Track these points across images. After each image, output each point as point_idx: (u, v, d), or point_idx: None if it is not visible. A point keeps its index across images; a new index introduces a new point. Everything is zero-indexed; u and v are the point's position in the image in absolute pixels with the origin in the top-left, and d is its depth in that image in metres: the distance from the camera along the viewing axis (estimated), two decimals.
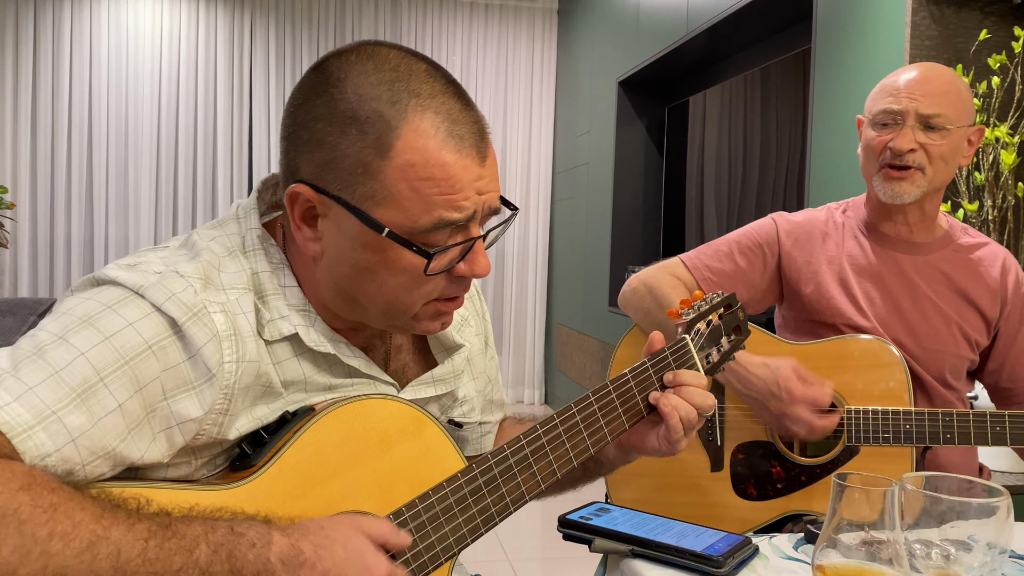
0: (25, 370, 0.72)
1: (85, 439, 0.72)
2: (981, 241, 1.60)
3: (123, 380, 0.75)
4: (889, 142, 1.50)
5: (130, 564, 0.66)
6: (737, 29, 3.53)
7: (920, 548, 0.78)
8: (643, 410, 1.04)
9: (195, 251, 0.87)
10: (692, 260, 1.66)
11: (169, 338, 0.79)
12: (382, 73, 0.82)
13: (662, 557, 0.92)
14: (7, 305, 5.12)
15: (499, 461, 0.93)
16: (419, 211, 0.82)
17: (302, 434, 0.85)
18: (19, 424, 0.69)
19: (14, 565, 0.62)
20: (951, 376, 1.55)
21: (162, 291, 0.80)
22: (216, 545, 0.70)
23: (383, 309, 0.89)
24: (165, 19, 5.55)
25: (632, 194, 4.79)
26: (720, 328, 1.18)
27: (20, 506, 0.63)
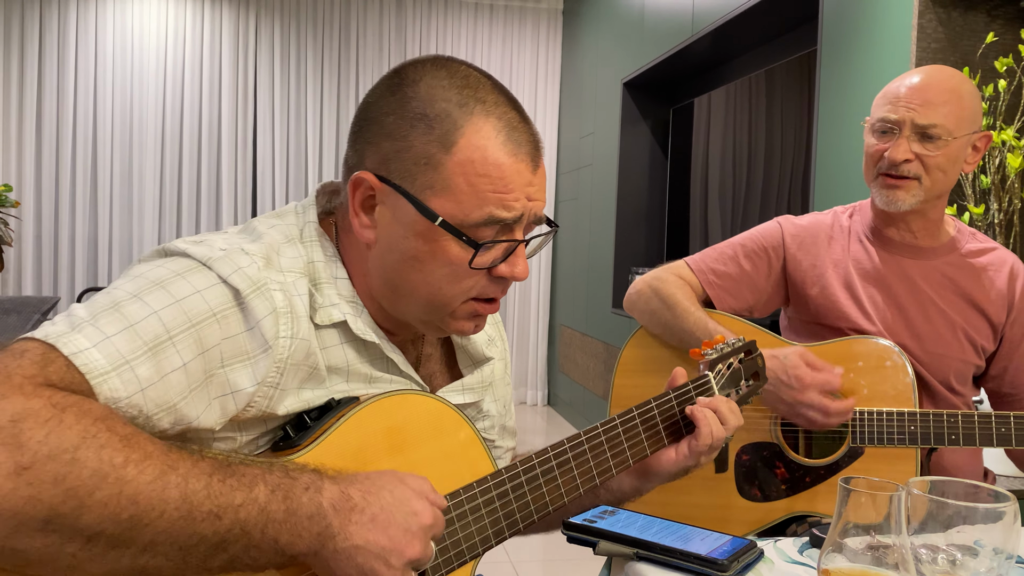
0: (103, 320, 0.76)
1: (152, 391, 0.76)
2: (989, 246, 1.59)
3: (189, 342, 0.79)
4: (885, 151, 1.49)
5: (196, 496, 0.70)
6: (742, 31, 3.53)
7: (926, 553, 0.77)
8: (665, 439, 1.10)
9: (256, 234, 0.93)
10: (697, 263, 1.66)
11: (232, 308, 0.83)
12: (454, 79, 0.91)
13: (667, 560, 0.92)
14: (11, 303, 5.12)
15: (527, 469, 0.96)
16: (472, 205, 0.88)
17: (345, 420, 0.89)
18: (97, 368, 0.73)
19: (92, 487, 0.65)
20: (956, 381, 1.55)
21: (229, 264, 0.85)
22: (274, 485, 0.75)
23: (425, 300, 0.93)
24: (170, 18, 5.56)
25: (636, 196, 4.79)
26: (740, 372, 1.23)
27: (99, 432, 0.67)
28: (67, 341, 0.73)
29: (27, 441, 0.64)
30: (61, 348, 0.72)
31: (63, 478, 0.64)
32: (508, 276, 0.93)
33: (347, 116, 5.85)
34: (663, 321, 1.60)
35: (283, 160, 5.77)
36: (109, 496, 0.66)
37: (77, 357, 0.72)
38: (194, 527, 0.70)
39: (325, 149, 5.83)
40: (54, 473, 0.64)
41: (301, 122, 5.81)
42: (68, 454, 0.65)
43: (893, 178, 1.50)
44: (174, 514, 0.69)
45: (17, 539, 0.64)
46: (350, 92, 5.84)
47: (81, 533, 0.66)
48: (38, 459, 0.64)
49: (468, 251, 0.89)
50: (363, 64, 5.85)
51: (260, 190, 5.77)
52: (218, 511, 0.71)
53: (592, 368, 5.02)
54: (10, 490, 0.63)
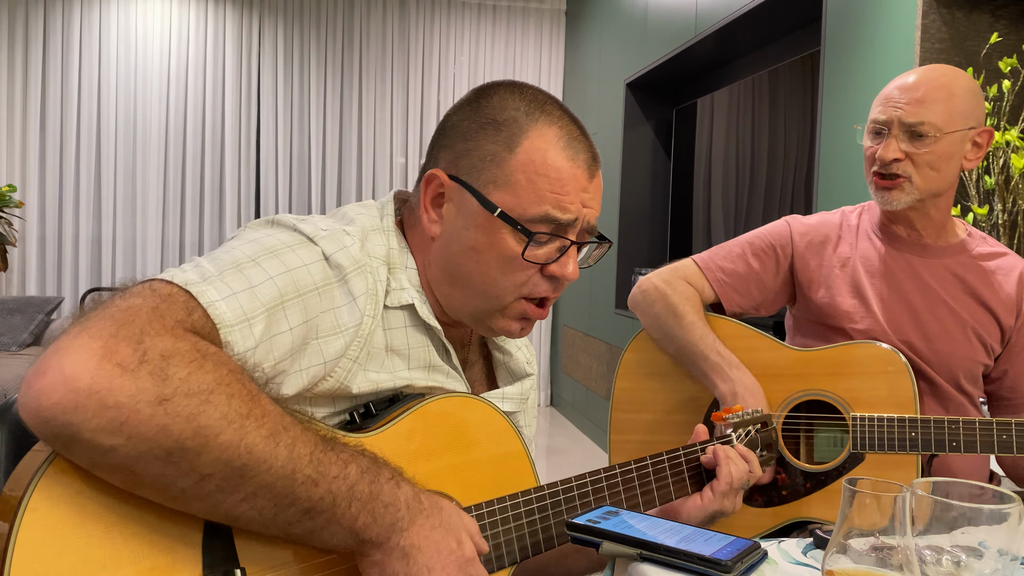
0: (229, 277, 0.82)
1: (262, 348, 0.82)
2: (999, 251, 1.59)
3: (297, 309, 0.86)
4: (877, 151, 1.50)
5: (301, 460, 0.75)
6: (746, 31, 3.53)
7: (930, 554, 0.77)
8: (688, 487, 1.16)
9: (348, 219, 1.00)
10: (705, 261, 1.66)
11: (333, 284, 0.91)
12: (524, 94, 1.00)
13: (670, 561, 0.92)
14: (16, 303, 5.13)
15: (566, 490, 1.03)
16: (530, 201, 0.96)
17: (410, 413, 0.96)
18: (225, 320, 0.79)
19: (217, 430, 0.71)
20: (965, 380, 1.54)
21: (334, 243, 0.92)
22: (364, 468, 0.81)
23: (479, 290, 0.99)
24: (174, 19, 5.57)
25: (639, 196, 4.79)
26: (757, 440, 1.30)
27: (232, 382, 0.73)
28: (203, 291, 0.79)
29: (171, 376, 0.69)
30: (199, 297, 0.78)
31: (195, 415, 0.69)
32: (559, 275, 0.99)
33: (350, 116, 5.86)
34: (665, 328, 1.59)
35: (286, 160, 5.77)
36: (230, 441, 0.71)
37: (212, 307, 0.78)
38: (293, 487, 0.75)
39: (328, 149, 5.83)
40: (189, 409, 0.69)
41: (304, 122, 5.81)
42: (204, 395, 0.70)
43: (884, 178, 1.50)
44: (280, 471, 0.74)
45: (140, 462, 0.69)
46: (353, 92, 5.85)
47: (197, 471, 0.71)
48: (178, 394, 0.69)
49: (522, 242, 0.96)
50: (366, 64, 5.86)
51: (263, 190, 5.78)
52: (316, 478, 0.76)
53: (595, 369, 5.02)
54: (148, 416, 0.67)
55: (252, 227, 0.94)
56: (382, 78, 5.87)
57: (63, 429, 0.66)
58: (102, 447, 0.67)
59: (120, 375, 0.67)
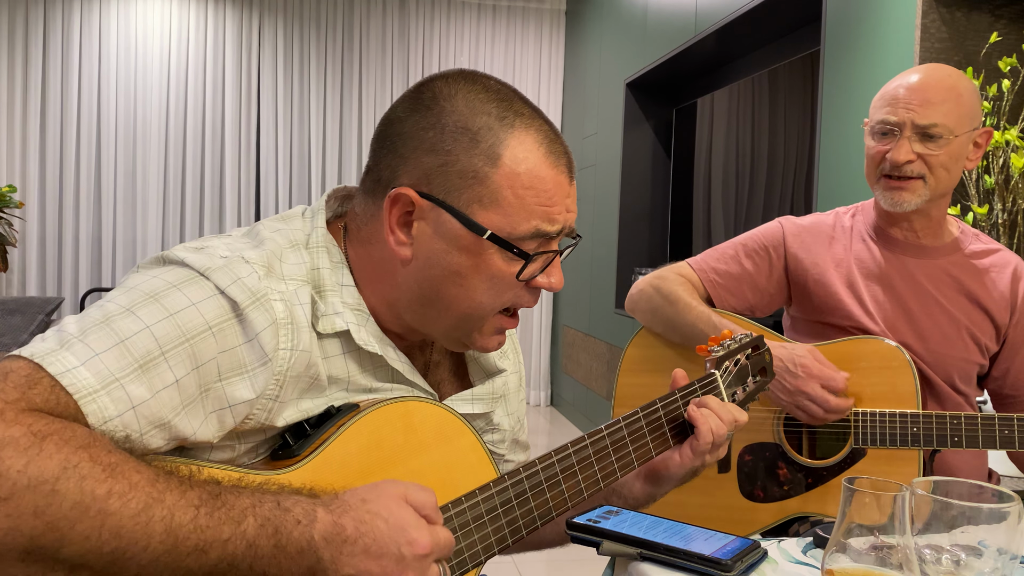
0: (92, 337, 0.74)
1: (144, 408, 0.75)
2: (992, 248, 1.59)
3: (182, 357, 0.78)
4: (887, 153, 1.49)
5: (182, 530, 0.68)
6: (746, 31, 3.53)
7: (930, 553, 0.77)
8: (670, 440, 1.09)
9: (259, 240, 0.91)
10: (698, 263, 1.67)
11: (229, 321, 0.82)
12: (489, 93, 0.91)
13: (670, 560, 0.92)
14: (16, 303, 5.12)
15: (530, 475, 0.95)
16: (520, 218, 0.89)
17: (346, 429, 0.87)
18: (85, 387, 0.71)
19: (73, 520, 0.64)
20: (960, 380, 1.54)
21: (228, 275, 0.83)
22: (263, 519, 0.72)
23: (460, 314, 0.93)
24: (174, 19, 5.57)
25: (639, 196, 4.79)
26: (747, 368, 1.23)
27: (80, 462, 0.65)
28: (54, 360, 0.71)
29: (6, 471, 0.63)
30: (47, 367, 0.71)
31: (43, 510, 0.63)
32: (546, 287, 0.94)
33: (350, 116, 5.86)
34: (665, 317, 1.60)
35: (286, 160, 5.78)
36: (91, 529, 0.65)
37: (64, 376, 0.71)
38: (180, 561, 0.68)
39: (328, 149, 5.83)
40: (34, 505, 0.63)
41: (304, 122, 5.81)
42: (48, 485, 0.64)
43: (896, 179, 1.49)
44: (159, 548, 0.67)
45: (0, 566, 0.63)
46: (353, 92, 5.85)
47: (63, 564, 0.65)
48: (17, 490, 0.63)
49: (512, 263, 0.90)
50: (366, 64, 5.86)
51: (263, 190, 5.78)
52: (204, 546, 0.69)
53: (595, 368, 5.02)
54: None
55: (141, 268, 0.87)
56: (382, 78, 5.87)
57: None
58: None
59: None
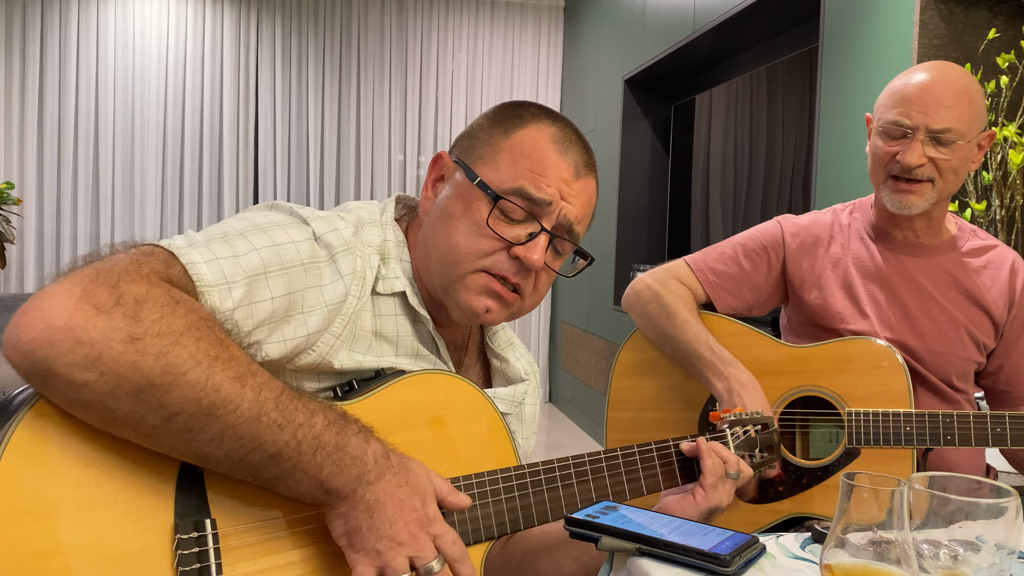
0: (214, 245, 0.88)
1: (240, 312, 0.87)
2: (990, 243, 1.59)
3: (280, 281, 0.91)
4: (897, 155, 1.47)
5: (267, 404, 0.79)
6: (744, 27, 3.53)
7: (928, 548, 0.78)
8: (679, 478, 1.16)
9: (347, 210, 1.06)
10: (696, 263, 1.66)
11: (320, 263, 0.95)
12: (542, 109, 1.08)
13: (669, 556, 0.92)
14: (14, 301, 5.15)
15: (547, 470, 1.03)
16: (508, 175, 1.02)
17: (392, 383, 0.98)
18: (204, 280, 0.84)
19: (185, 369, 0.74)
20: (957, 379, 1.54)
21: (326, 224, 0.98)
22: (331, 419, 0.84)
23: (443, 255, 1.03)
24: (172, 16, 5.56)
25: (637, 193, 4.79)
26: (756, 441, 1.29)
27: (201, 327, 0.77)
28: (185, 253, 0.84)
29: (144, 317, 0.74)
30: (180, 257, 0.84)
31: (164, 354, 0.73)
32: (522, 256, 1.01)
33: (348, 113, 5.85)
34: (659, 328, 1.60)
35: (284, 157, 5.77)
36: (197, 380, 0.75)
37: (191, 267, 0.84)
38: (259, 430, 0.78)
39: (326, 146, 5.83)
40: (158, 348, 0.73)
41: (302, 119, 5.81)
42: (173, 336, 0.74)
43: (906, 182, 1.48)
44: (246, 413, 0.77)
45: (111, 399, 0.73)
46: (351, 89, 5.84)
47: (166, 408, 0.74)
48: (149, 334, 0.73)
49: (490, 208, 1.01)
50: (364, 61, 5.85)
51: (261, 187, 5.77)
52: (282, 422, 0.79)
53: (593, 365, 5.02)
54: (119, 352, 0.72)
55: (251, 209, 1.00)
56: (380, 75, 5.87)
57: (40, 363, 0.71)
58: (76, 382, 0.71)
59: (95, 315, 0.72)
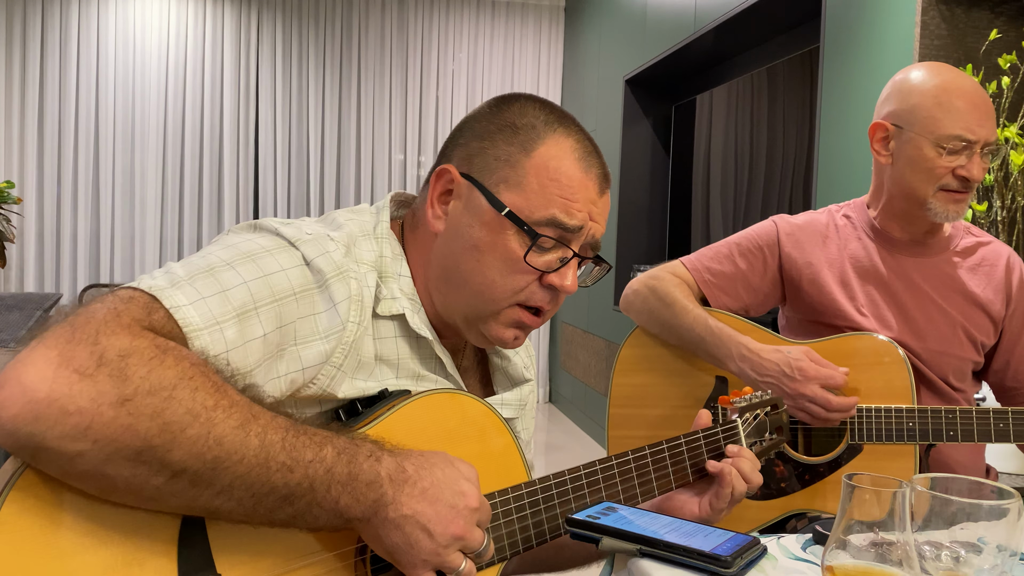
0: (199, 282, 0.81)
1: (234, 354, 0.81)
2: (984, 240, 1.59)
3: (271, 314, 0.85)
4: (957, 169, 1.45)
5: (273, 447, 0.74)
6: (745, 28, 3.53)
7: (929, 550, 0.77)
8: (690, 476, 1.12)
9: (336, 224, 0.98)
10: (692, 263, 1.66)
11: (312, 290, 0.89)
12: (545, 105, 1.01)
13: (670, 557, 0.92)
14: (14, 300, 5.11)
15: (559, 483, 1.00)
16: (539, 203, 0.96)
17: (396, 411, 0.93)
18: (192, 324, 0.78)
19: (184, 424, 0.70)
20: (954, 378, 1.55)
21: (316, 247, 0.91)
22: (340, 448, 0.79)
23: (475, 291, 0.98)
24: (172, 16, 5.56)
25: (638, 193, 4.79)
26: (765, 424, 1.26)
27: (195, 376, 0.72)
28: (168, 295, 0.78)
29: (131, 375, 0.69)
30: (163, 300, 0.77)
31: (160, 412, 0.69)
32: (558, 285, 0.98)
33: (348, 113, 5.85)
34: (661, 319, 1.60)
35: (284, 157, 5.77)
36: (198, 435, 0.70)
37: (176, 311, 0.77)
38: (268, 476, 0.74)
39: (326, 145, 5.83)
40: (152, 407, 0.69)
41: (303, 119, 5.81)
42: (166, 391, 0.70)
43: (960, 193, 1.48)
44: (252, 460, 0.73)
45: (110, 465, 0.68)
46: (351, 89, 5.84)
47: (168, 467, 0.70)
48: (139, 392, 0.68)
49: (526, 244, 0.95)
50: (364, 61, 5.85)
51: (262, 187, 5.77)
52: (291, 464, 0.75)
53: (593, 365, 5.02)
54: (111, 418, 0.67)
55: (233, 231, 0.93)
56: (381, 75, 5.86)
57: (27, 440, 0.66)
58: (69, 454, 0.67)
59: (79, 380, 0.67)
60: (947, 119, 1.45)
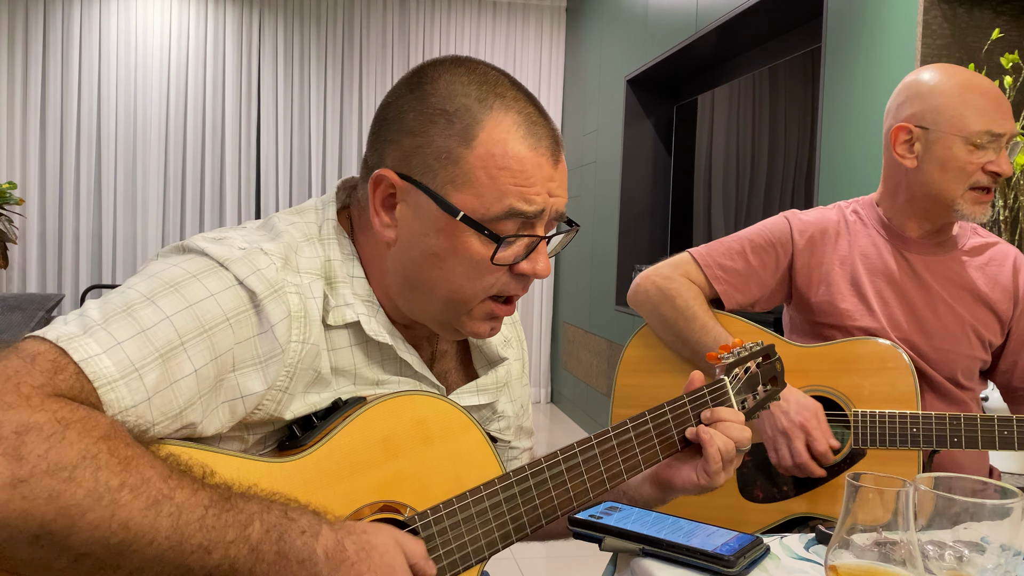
0: (114, 325, 0.75)
1: (159, 399, 0.75)
2: (991, 241, 1.59)
3: (201, 347, 0.79)
4: (987, 165, 1.45)
5: (188, 527, 0.69)
6: (746, 27, 3.52)
7: (933, 549, 0.77)
8: (678, 444, 1.08)
9: (275, 232, 0.92)
10: (704, 258, 1.65)
11: (247, 312, 0.83)
12: (472, 76, 0.90)
13: (673, 556, 0.92)
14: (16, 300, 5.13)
15: (535, 473, 0.96)
16: (493, 198, 0.87)
17: (352, 420, 0.88)
18: (105, 376, 0.72)
19: (84, 508, 0.65)
20: (963, 377, 1.54)
21: (246, 265, 0.84)
22: (269, 525, 0.74)
23: (444, 299, 0.92)
24: (174, 16, 5.56)
25: (640, 193, 4.79)
26: (758, 376, 1.21)
27: (99, 453, 0.67)
28: (78, 346, 0.72)
29: (27, 454, 0.64)
30: (72, 353, 0.71)
31: (57, 495, 0.64)
32: (530, 273, 0.92)
33: (350, 113, 5.85)
34: (676, 330, 1.59)
35: (287, 157, 5.77)
36: (101, 519, 0.65)
37: (87, 364, 0.72)
38: (183, 558, 0.69)
39: (328, 146, 5.83)
40: (49, 490, 0.64)
41: (305, 119, 5.81)
42: (66, 472, 0.65)
43: (989, 193, 1.48)
44: (164, 543, 0.68)
45: (7, 548, 0.64)
46: (353, 89, 5.84)
47: (70, 551, 0.66)
48: (35, 473, 0.64)
49: (490, 246, 0.89)
50: (366, 61, 5.85)
51: (264, 187, 5.78)
52: (209, 545, 0.70)
53: (595, 365, 5.02)
54: (4, 501, 0.62)
55: (161, 256, 0.88)
56: (382, 75, 5.87)
57: None
58: None
59: None
60: (974, 115, 1.45)
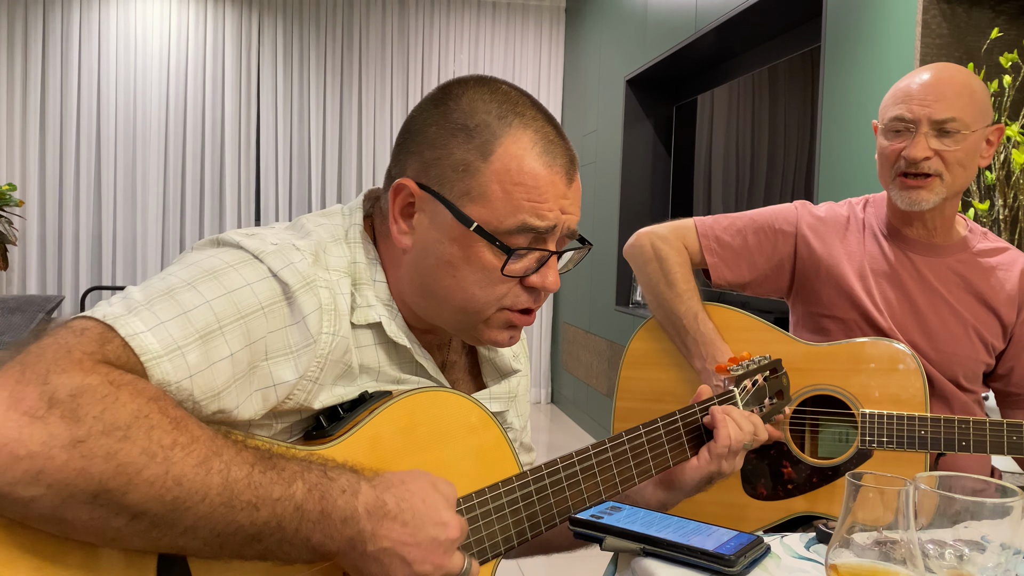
0: (158, 306, 0.78)
1: (199, 378, 0.77)
2: (1000, 246, 1.59)
3: (237, 333, 0.81)
4: (903, 151, 1.47)
5: (237, 484, 0.71)
6: (746, 27, 3.53)
7: (933, 548, 0.77)
8: (687, 451, 1.12)
9: (304, 232, 0.95)
10: (704, 227, 1.67)
11: (280, 302, 0.86)
12: (495, 94, 0.94)
13: (674, 556, 0.92)
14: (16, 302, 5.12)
15: (551, 473, 0.99)
16: (506, 212, 0.91)
17: (378, 413, 0.91)
18: (151, 351, 0.74)
19: (140, 466, 0.67)
20: (965, 379, 1.54)
21: (280, 259, 0.87)
22: (311, 484, 0.76)
23: (458, 307, 0.95)
24: (173, 18, 5.57)
25: (639, 193, 4.79)
26: (764, 390, 1.24)
27: (151, 413, 0.69)
28: (124, 323, 0.74)
29: (84, 416, 0.66)
30: (118, 329, 0.74)
31: (114, 454, 0.66)
32: (539, 286, 0.95)
33: (350, 113, 5.85)
34: (656, 292, 1.62)
35: (286, 158, 5.77)
36: (156, 475, 0.68)
37: (133, 339, 0.74)
38: (233, 515, 0.71)
39: (328, 147, 5.83)
40: (106, 448, 0.66)
41: (304, 120, 5.81)
42: (120, 431, 0.67)
43: (914, 178, 1.48)
44: (215, 500, 0.70)
45: (66, 509, 0.66)
46: (353, 90, 5.85)
47: (127, 510, 0.68)
48: (92, 433, 0.66)
49: (501, 257, 0.92)
50: (366, 62, 5.85)
51: (263, 188, 5.78)
52: (257, 502, 0.72)
53: (595, 366, 5.02)
54: (64, 461, 0.65)
55: (196, 248, 0.91)
56: (382, 76, 5.87)
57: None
58: (22, 499, 0.65)
59: (29, 423, 0.64)
60: (891, 104, 1.50)
